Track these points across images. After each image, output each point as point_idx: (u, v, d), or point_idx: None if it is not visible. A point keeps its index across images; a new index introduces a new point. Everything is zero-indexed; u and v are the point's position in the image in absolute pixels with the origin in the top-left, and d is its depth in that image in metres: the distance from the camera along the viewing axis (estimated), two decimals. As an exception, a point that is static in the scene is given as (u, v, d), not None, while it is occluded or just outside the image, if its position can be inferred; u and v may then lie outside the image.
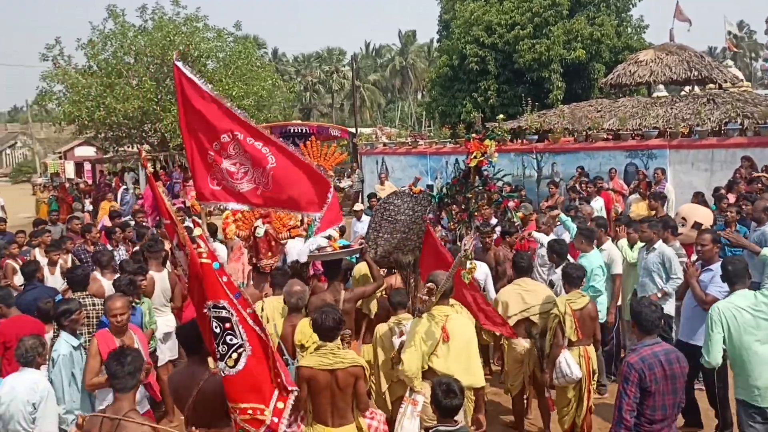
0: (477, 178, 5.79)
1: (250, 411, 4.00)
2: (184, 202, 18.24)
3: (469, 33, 27.21)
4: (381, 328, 5.84)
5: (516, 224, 8.33)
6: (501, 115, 20.03)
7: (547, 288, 6.57)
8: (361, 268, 6.79)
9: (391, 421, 5.18)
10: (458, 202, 5.98)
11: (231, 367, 3.98)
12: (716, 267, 5.97)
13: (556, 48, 25.51)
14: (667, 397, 4.42)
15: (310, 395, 4.59)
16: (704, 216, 7.99)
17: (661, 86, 20.15)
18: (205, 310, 4.03)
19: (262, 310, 5.89)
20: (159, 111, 24.83)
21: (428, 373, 4.94)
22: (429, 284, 5.05)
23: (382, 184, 18.74)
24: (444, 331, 4.94)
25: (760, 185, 11.13)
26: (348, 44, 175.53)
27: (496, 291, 7.18)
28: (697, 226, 7.63)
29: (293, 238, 8.20)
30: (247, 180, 4.77)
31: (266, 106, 28.82)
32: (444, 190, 6.14)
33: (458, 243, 6.13)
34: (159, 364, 7.18)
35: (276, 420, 4.07)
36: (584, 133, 17.25)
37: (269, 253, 7.74)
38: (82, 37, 60.82)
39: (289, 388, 4.13)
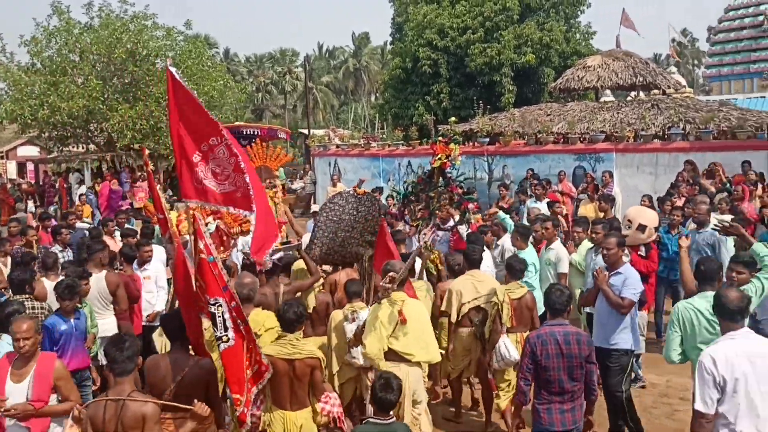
0: (441, 179, 6.26)
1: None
2: (131, 204, 17.88)
3: (422, 36, 27.39)
4: (336, 315, 6.14)
5: (472, 224, 8.65)
6: (453, 118, 20.12)
7: (494, 280, 6.83)
8: (300, 264, 7.21)
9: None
10: (421, 200, 6.45)
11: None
12: (625, 270, 6.17)
13: (507, 52, 25.86)
14: (563, 374, 4.84)
15: (270, 382, 4.79)
16: (650, 218, 8.18)
17: (608, 91, 20.66)
18: (212, 308, 4.32)
19: None
20: (105, 110, 24.23)
21: (389, 354, 5.40)
22: (391, 273, 5.51)
23: (334, 185, 18.70)
24: (401, 315, 5.41)
25: (698, 188, 11.49)
26: (301, 45, 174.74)
27: None
28: (641, 228, 7.79)
29: (245, 232, 8.39)
30: (229, 182, 4.97)
31: (217, 106, 28.40)
32: (409, 188, 6.58)
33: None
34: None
35: (245, 410, 4.44)
36: (534, 136, 17.52)
37: (221, 248, 7.87)
38: (25, 33, 59.15)
39: (264, 372, 4.53)
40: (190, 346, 4.78)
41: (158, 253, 8.69)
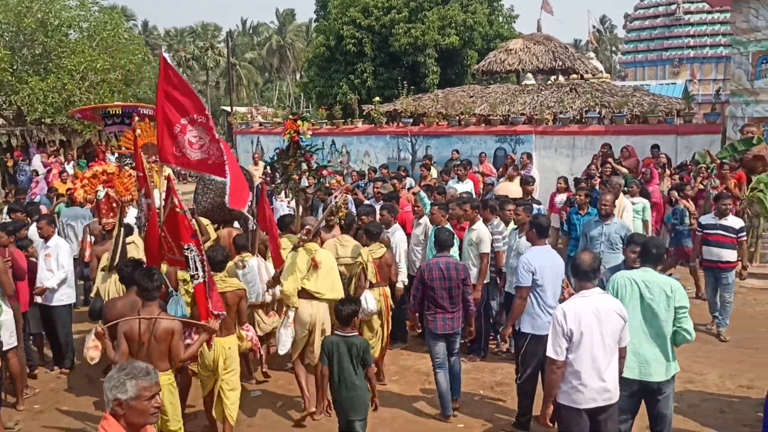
0: (297, 150, 7.49)
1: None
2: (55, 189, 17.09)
3: (346, 14, 27.18)
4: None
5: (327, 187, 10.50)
6: (377, 98, 20.17)
7: (357, 243, 7.48)
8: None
9: None
10: (279, 169, 7.75)
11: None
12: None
13: (431, 33, 25.98)
14: (444, 293, 6.46)
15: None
16: (514, 193, 9.52)
17: (530, 75, 21.08)
18: (186, 252, 5.35)
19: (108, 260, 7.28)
20: (15, 82, 23.05)
21: (302, 293, 6.49)
22: (307, 227, 6.76)
23: (255, 164, 18.41)
24: (314, 261, 6.53)
25: (609, 169, 11.94)
26: (224, 20, 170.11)
27: None
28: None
29: (134, 201, 8.81)
30: (202, 151, 5.80)
31: (134, 81, 27.44)
32: (273, 158, 7.96)
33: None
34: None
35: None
36: (457, 117, 17.73)
37: (111, 213, 8.49)
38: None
39: (215, 313, 5.36)
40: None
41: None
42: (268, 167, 10.89)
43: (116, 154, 18.08)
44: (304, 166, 7.58)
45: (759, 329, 9.33)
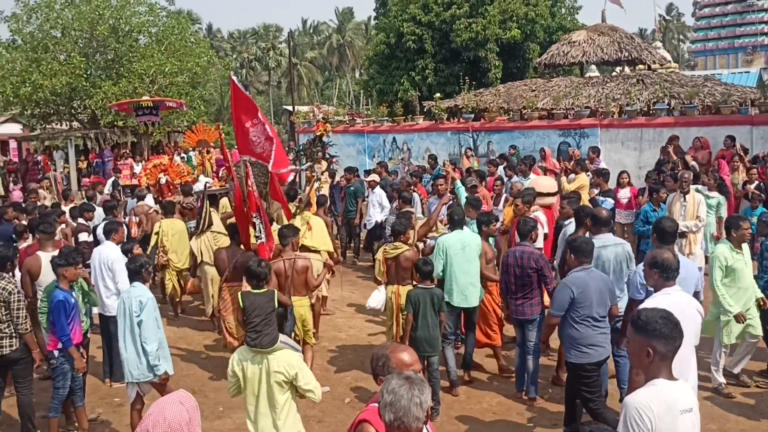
0: (320, 142, 11.18)
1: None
2: (116, 181, 17.76)
3: (406, 11, 27.20)
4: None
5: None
6: (438, 94, 20.14)
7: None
8: (224, 203, 11.20)
9: None
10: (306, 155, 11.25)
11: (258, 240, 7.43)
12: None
13: (492, 27, 25.75)
14: (516, 279, 6.77)
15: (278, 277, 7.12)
16: (547, 186, 9.50)
17: (593, 66, 20.64)
18: (254, 219, 7.37)
19: (159, 227, 10.15)
20: (89, 87, 23.97)
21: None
22: (300, 196, 9.35)
23: (318, 162, 18.64)
24: (308, 225, 8.87)
25: (671, 165, 11.61)
26: (284, 21, 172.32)
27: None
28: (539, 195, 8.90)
29: (185, 183, 12.81)
30: (259, 146, 7.68)
31: (201, 83, 28.17)
32: (300, 148, 11.06)
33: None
34: None
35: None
36: (519, 112, 17.54)
37: (169, 193, 12.39)
38: (5, 9, 58.14)
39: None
40: (241, 244, 7.90)
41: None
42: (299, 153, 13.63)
43: (182, 155, 18.68)
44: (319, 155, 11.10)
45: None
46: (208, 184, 12.18)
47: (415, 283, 6.97)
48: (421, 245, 8.49)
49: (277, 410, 4.82)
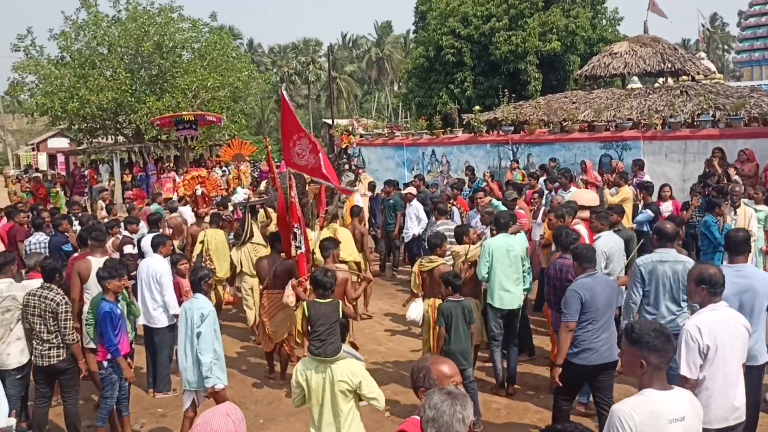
0: (346, 155, 11.23)
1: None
2: (159, 193, 18.10)
3: (445, 24, 27.26)
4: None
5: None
6: (477, 107, 20.08)
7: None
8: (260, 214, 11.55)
9: None
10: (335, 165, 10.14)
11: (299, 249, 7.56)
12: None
13: (532, 40, 25.64)
14: (556, 291, 6.85)
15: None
16: (588, 199, 9.42)
17: (635, 78, 20.36)
18: (294, 229, 7.52)
19: (204, 236, 10.21)
20: (134, 102, 24.55)
21: None
22: (327, 209, 9.31)
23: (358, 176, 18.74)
24: (335, 235, 8.72)
25: (716, 178, 11.38)
26: (324, 35, 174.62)
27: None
28: (580, 208, 8.74)
29: (221, 196, 13.70)
30: (304, 159, 7.73)
31: (242, 97, 28.62)
32: (333, 156, 10.63)
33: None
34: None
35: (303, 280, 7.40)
36: (559, 124, 17.38)
37: (204, 205, 12.93)
38: (55, 27, 59.88)
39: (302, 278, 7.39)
40: (282, 253, 7.99)
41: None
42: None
43: (223, 168, 19.02)
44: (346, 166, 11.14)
45: None
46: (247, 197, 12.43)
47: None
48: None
49: (341, 419, 4.81)
